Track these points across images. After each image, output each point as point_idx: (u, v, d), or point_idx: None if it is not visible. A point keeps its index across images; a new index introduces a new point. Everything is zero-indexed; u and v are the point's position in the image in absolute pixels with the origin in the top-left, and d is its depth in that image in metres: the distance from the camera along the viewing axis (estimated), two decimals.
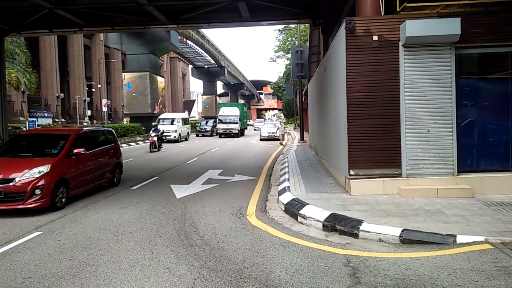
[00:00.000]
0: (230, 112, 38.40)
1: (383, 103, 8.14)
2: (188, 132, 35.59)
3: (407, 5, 8.29)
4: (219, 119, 38.46)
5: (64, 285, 4.37)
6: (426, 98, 8.01)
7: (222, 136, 37.19)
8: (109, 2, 14.51)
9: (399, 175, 8.10)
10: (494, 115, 8.28)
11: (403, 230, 5.65)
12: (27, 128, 25.20)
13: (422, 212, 6.65)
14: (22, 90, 31.20)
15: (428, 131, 8.02)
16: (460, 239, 5.34)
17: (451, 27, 7.61)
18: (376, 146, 8.17)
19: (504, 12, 7.99)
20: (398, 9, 8.49)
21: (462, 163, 8.09)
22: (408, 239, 5.49)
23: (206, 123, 43.64)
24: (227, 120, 37.80)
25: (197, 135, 41.52)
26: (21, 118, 35.24)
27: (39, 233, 6.38)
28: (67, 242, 5.87)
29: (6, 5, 14.66)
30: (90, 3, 14.65)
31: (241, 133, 39.85)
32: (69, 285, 4.36)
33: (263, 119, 71.36)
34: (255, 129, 53.54)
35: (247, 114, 51.79)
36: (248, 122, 79.19)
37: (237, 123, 37.57)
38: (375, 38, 8.09)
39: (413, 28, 7.64)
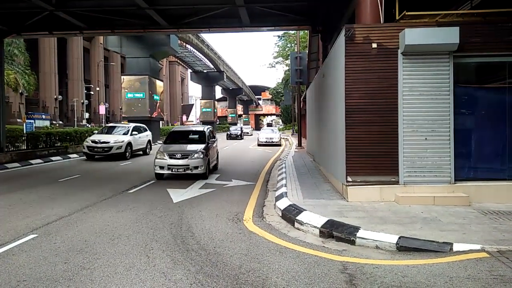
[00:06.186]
0: None
1: (381, 110, 8.17)
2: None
3: (406, 13, 8.36)
4: None
5: None
6: (424, 106, 8.04)
7: None
8: (110, 5, 14.58)
9: (397, 182, 8.11)
10: (491, 124, 8.32)
11: (400, 238, 5.65)
12: (25, 131, 24.12)
13: (419, 220, 6.66)
14: (20, 91, 31.17)
15: (425, 139, 8.05)
16: (456, 247, 5.34)
17: (450, 36, 7.67)
18: (373, 153, 8.19)
19: (502, 23, 8.06)
20: (397, 17, 8.56)
21: (459, 171, 8.11)
22: (405, 247, 5.49)
23: None
24: None
25: None
26: (18, 120, 35.17)
27: (35, 235, 6.35)
28: (62, 245, 5.84)
29: (7, 6, 14.71)
30: (91, 6, 14.73)
31: None
32: None
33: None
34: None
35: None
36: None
37: None
38: (374, 45, 8.14)
39: (412, 36, 7.69)
